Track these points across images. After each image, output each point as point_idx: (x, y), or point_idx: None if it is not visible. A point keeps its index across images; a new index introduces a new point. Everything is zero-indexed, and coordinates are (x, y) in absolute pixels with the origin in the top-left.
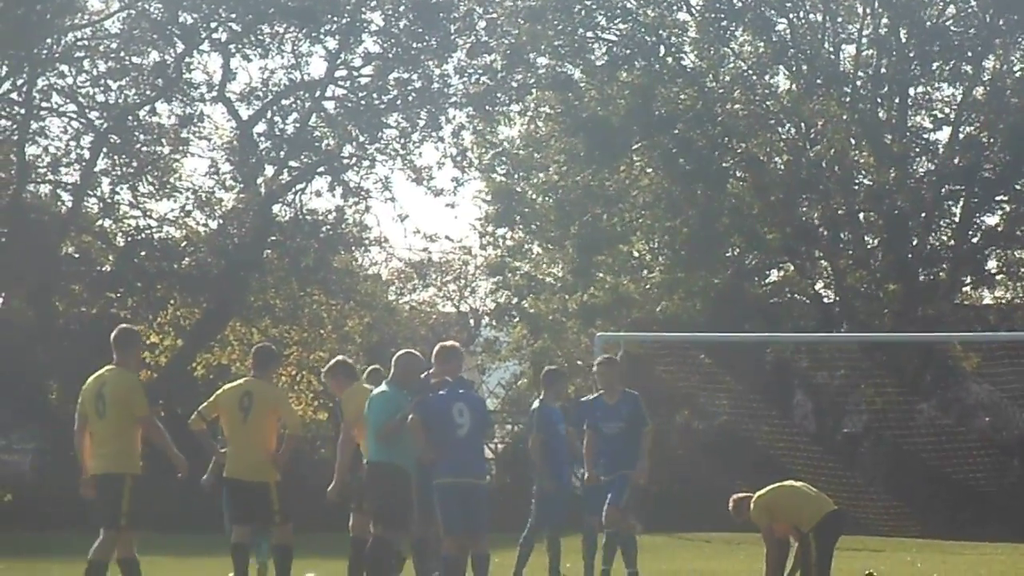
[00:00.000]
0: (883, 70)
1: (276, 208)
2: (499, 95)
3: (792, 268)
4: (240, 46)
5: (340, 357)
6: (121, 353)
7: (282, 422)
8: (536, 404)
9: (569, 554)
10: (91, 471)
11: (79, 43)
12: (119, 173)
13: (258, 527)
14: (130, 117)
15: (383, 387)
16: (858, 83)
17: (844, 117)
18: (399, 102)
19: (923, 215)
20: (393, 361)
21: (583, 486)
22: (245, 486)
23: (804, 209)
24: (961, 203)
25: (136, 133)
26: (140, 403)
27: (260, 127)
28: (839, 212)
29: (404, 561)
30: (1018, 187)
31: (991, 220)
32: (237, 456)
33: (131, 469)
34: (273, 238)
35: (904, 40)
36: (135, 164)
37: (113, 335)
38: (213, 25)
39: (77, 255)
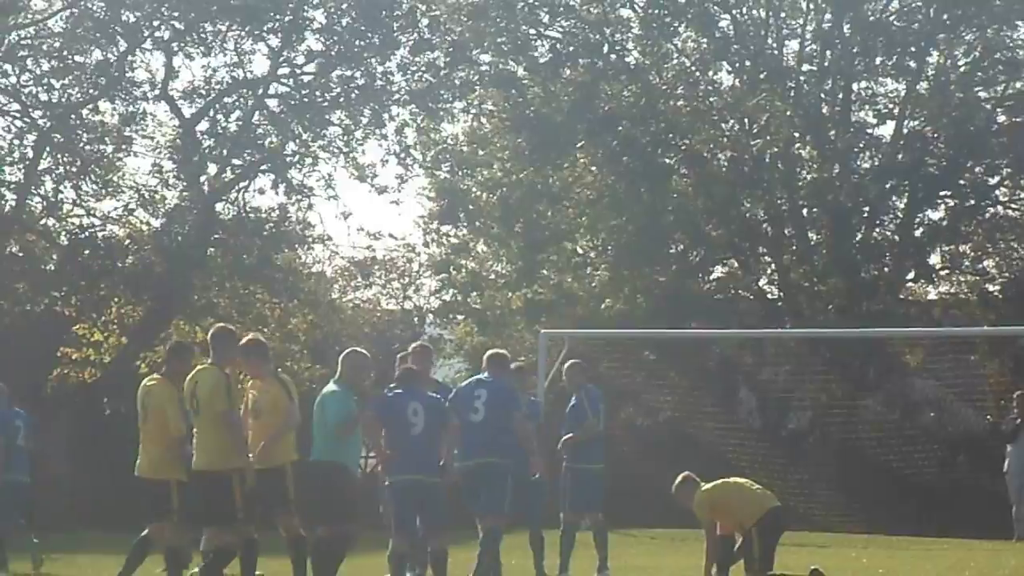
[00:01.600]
0: (827, 65)
1: (219, 206)
2: (442, 92)
3: (736, 264)
4: (183, 44)
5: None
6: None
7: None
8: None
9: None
10: (195, 467)
11: (22, 42)
12: (62, 172)
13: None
14: (73, 116)
15: (333, 386)
16: (801, 78)
17: (787, 112)
18: (342, 99)
19: (866, 210)
20: (340, 360)
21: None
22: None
23: (747, 205)
24: (905, 198)
25: (79, 132)
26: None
27: (203, 125)
28: (782, 208)
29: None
30: (962, 182)
31: (935, 215)
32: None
33: (236, 464)
34: (216, 236)
35: (848, 35)
36: (78, 163)
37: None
38: (156, 23)
39: (21, 254)
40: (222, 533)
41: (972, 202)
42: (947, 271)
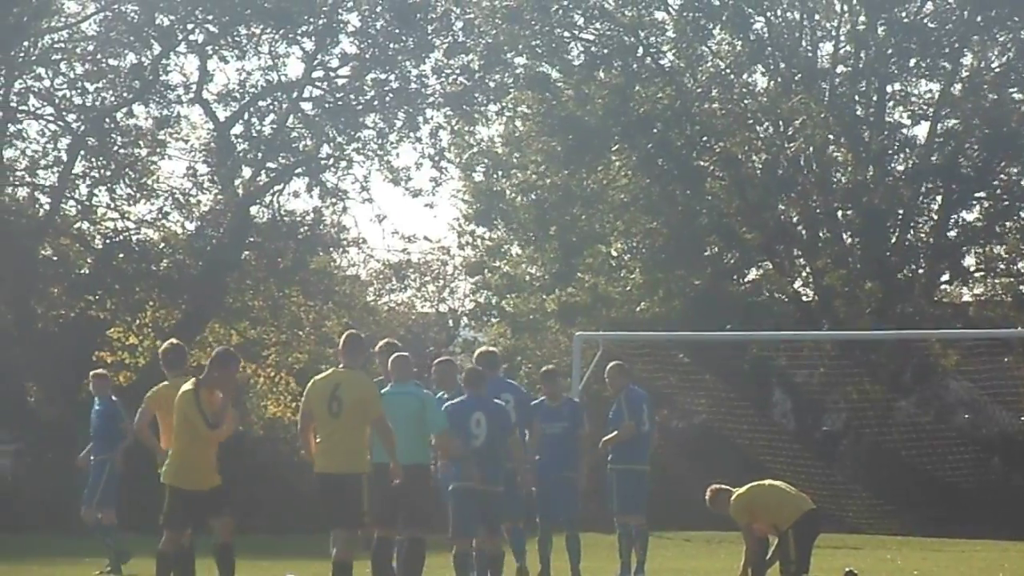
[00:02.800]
0: (861, 66)
1: (254, 209)
2: (477, 95)
3: (771, 267)
4: (217, 47)
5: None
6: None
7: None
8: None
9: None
10: (325, 470)
11: (56, 46)
12: (97, 175)
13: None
14: (107, 119)
15: (411, 388)
16: (836, 80)
17: (822, 115)
18: (376, 103)
19: (901, 212)
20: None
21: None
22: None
23: (782, 208)
24: (939, 200)
25: (113, 135)
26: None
27: (237, 128)
28: (817, 210)
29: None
30: (996, 183)
31: (969, 216)
32: None
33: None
34: (251, 239)
35: (882, 36)
36: (113, 166)
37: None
38: (190, 27)
39: (55, 258)
40: (352, 535)
41: (1007, 203)
42: (981, 273)
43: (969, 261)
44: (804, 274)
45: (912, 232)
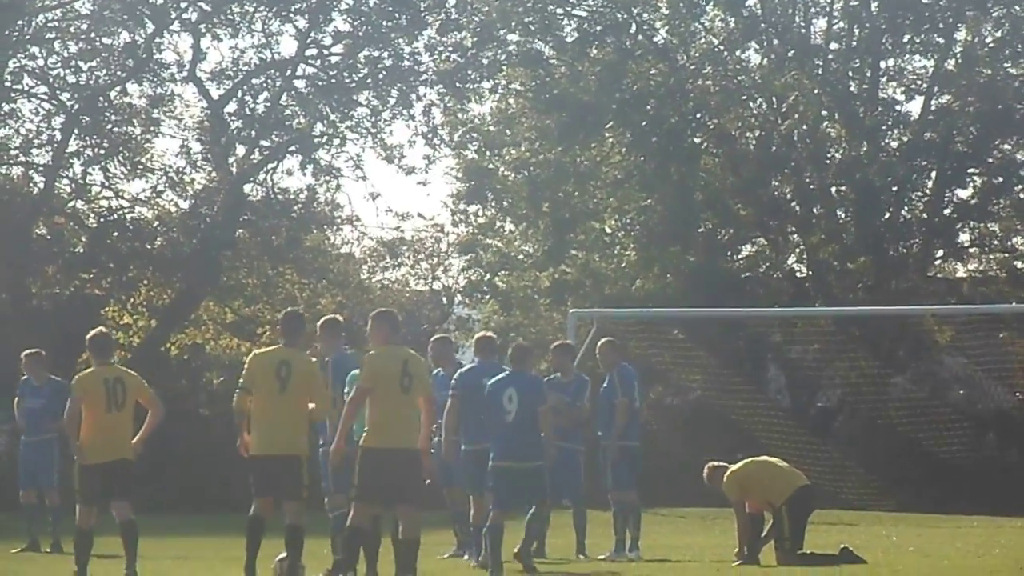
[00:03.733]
0: (854, 43)
1: (248, 188)
2: (470, 72)
3: (765, 243)
4: (210, 25)
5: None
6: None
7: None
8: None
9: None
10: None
11: (49, 24)
12: (91, 154)
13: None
14: (101, 98)
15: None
16: (829, 56)
17: (815, 91)
18: (369, 80)
19: (895, 188)
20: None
21: None
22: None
23: (776, 184)
24: (933, 176)
25: (107, 114)
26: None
27: (231, 107)
28: (811, 186)
29: None
30: (990, 160)
31: (963, 193)
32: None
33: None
34: (245, 217)
35: (875, 12)
36: (106, 145)
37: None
38: (183, 5)
39: (49, 237)
40: (416, 510)
41: (1001, 179)
42: (976, 249)
43: (964, 237)
44: (798, 250)
45: (906, 208)
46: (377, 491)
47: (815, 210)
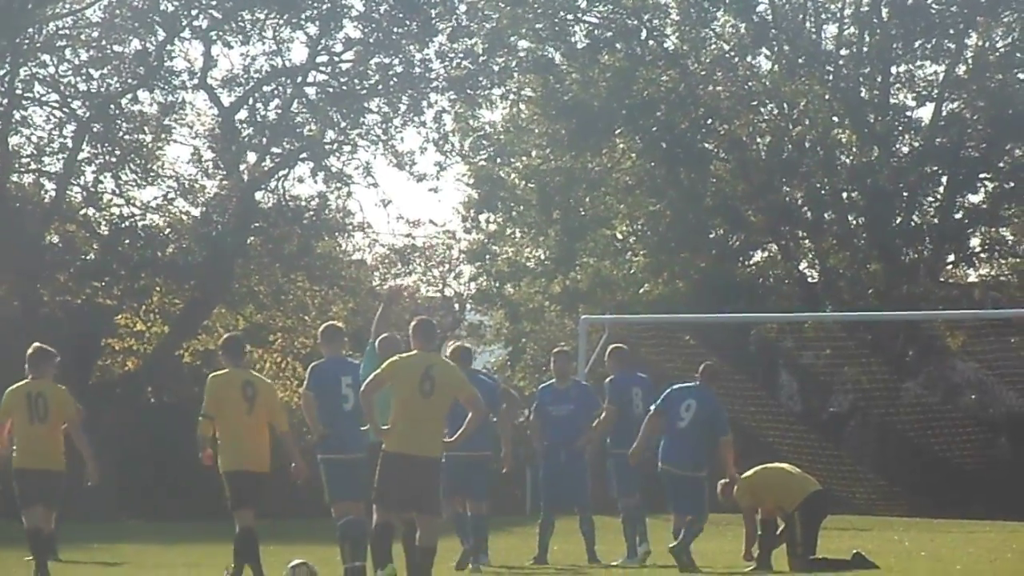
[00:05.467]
0: (865, 49)
1: (259, 195)
2: (480, 79)
3: (776, 249)
4: (221, 33)
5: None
6: None
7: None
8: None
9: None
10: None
11: (60, 32)
12: (102, 161)
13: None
14: (112, 106)
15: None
16: (840, 62)
17: (826, 96)
18: (380, 87)
19: (906, 193)
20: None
21: None
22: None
23: (787, 189)
24: (944, 181)
25: (118, 121)
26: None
27: (242, 114)
28: (822, 192)
29: None
30: (1001, 165)
31: (974, 198)
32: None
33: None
34: (256, 225)
35: (886, 18)
36: (118, 152)
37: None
38: (194, 12)
39: (61, 244)
40: (434, 518)
41: (1012, 185)
42: (987, 254)
43: (975, 242)
44: (809, 256)
45: (917, 213)
46: (394, 497)
47: (826, 215)
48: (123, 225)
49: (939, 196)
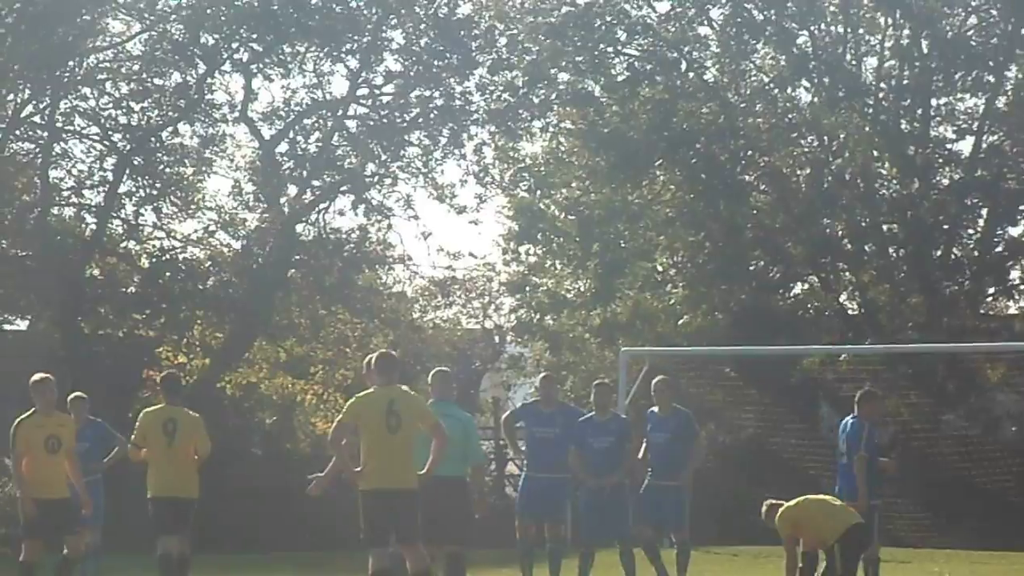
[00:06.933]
0: (905, 81)
1: (299, 227)
2: (520, 111)
3: (816, 281)
4: (262, 66)
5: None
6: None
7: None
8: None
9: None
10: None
11: (101, 65)
12: (143, 195)
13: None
14: (153, 138)
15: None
16: (880, 95)
17: (866, 129)
18: (421, 120)
19: (946, 226)
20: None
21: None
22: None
23: (827, 222)
24: (984, 214)
25: (159, 154)
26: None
27: (283, 147)
28: (862, 224)
29: None
30: None
31: (1015, 231)
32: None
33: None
34: (297, 257)
35: (926, 51)
36: (158, 185)
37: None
38: (234, 45)
39: (102, 277)
40: (418, 547)
41: None
42: None
43: (1015, 275)
44: (849, 288)
45: (958, 246)
46: (380, 533)
47: (866, 248)
48: (164, 258)
49: (979, 228)
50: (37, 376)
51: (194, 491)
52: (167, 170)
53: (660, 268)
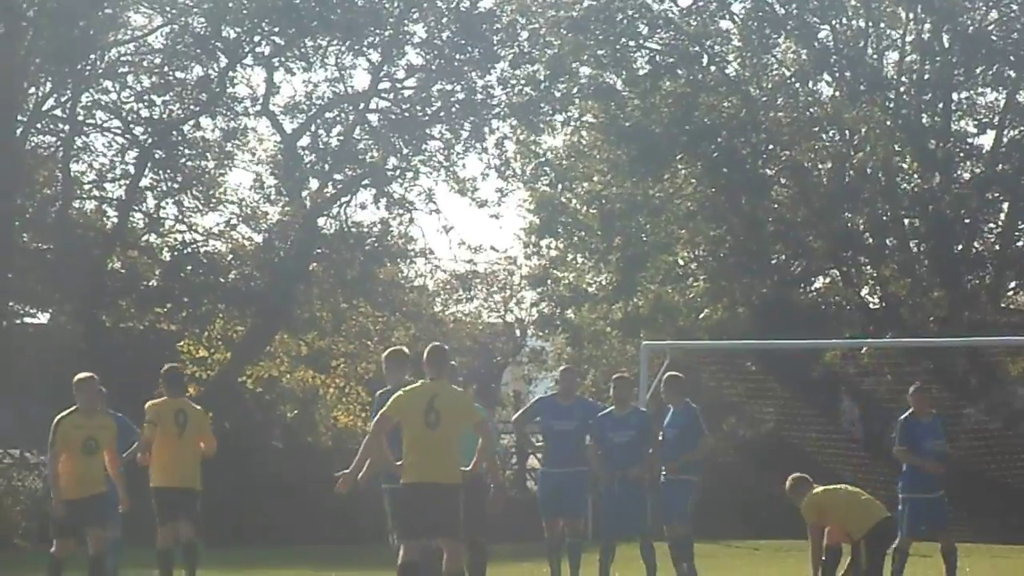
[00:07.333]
0: (926, 75)
1: (321, 221)
2: (542, 105)
3: (837, 275)
4: (283, 59)
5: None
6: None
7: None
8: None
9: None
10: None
11: (123, 59)
12: (164, 188)
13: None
14: (174, 132)
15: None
16: (901, 89)
17: (888, 123)
18: (442, 113)
19: (967, 220)
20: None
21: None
22: None
23: (848, 216)
24: (1006, 208)
25: (180, 148)
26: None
27: (304, 140)
28: (883, 218)
29: None
30: None
31: None
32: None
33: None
34: (318, 251)
35: (947, 45)
36: (180, 179)
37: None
38: (256, 39)
39: (123, 270)
40: (457, 543)
41: None
42: None
43: None
44: (871, 282)
45: (979, 240)
46: (418, 526)
47: (888, 242)
48: (185, 251)
49: (1000, 223)
50: (80, 375)
51: (199, 484)
52: (189, 163)
53: (681, 262)
